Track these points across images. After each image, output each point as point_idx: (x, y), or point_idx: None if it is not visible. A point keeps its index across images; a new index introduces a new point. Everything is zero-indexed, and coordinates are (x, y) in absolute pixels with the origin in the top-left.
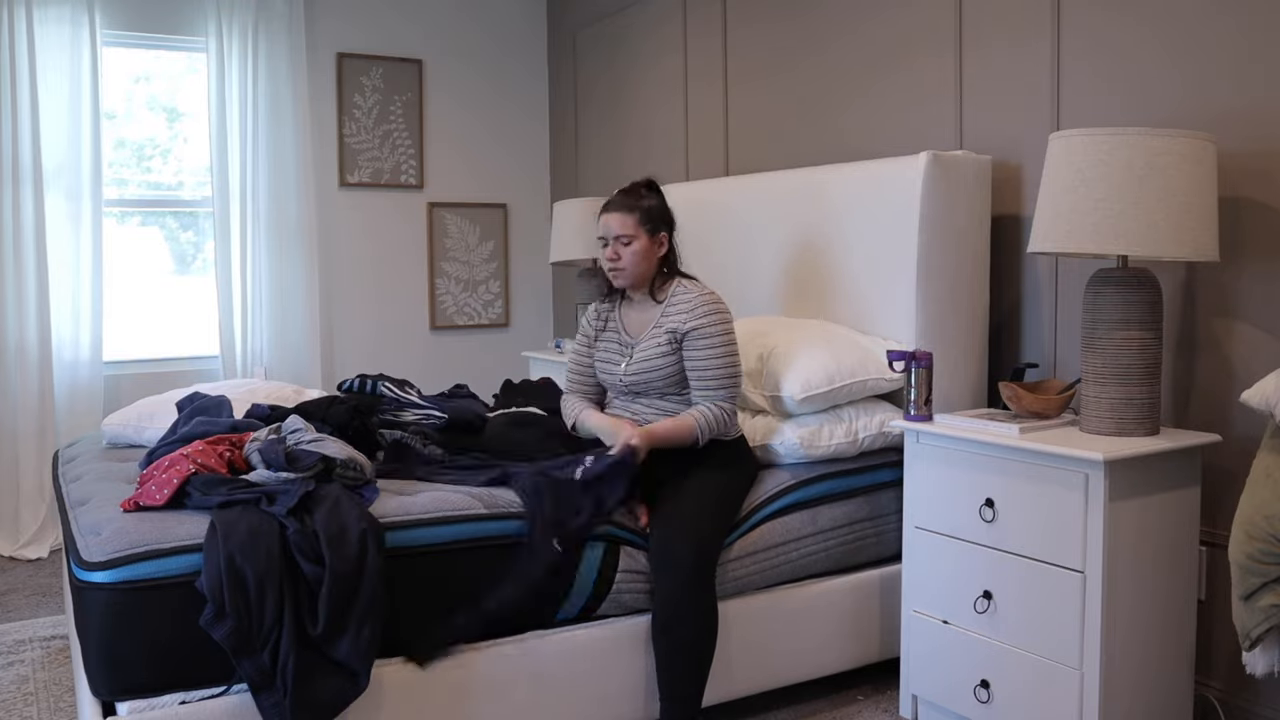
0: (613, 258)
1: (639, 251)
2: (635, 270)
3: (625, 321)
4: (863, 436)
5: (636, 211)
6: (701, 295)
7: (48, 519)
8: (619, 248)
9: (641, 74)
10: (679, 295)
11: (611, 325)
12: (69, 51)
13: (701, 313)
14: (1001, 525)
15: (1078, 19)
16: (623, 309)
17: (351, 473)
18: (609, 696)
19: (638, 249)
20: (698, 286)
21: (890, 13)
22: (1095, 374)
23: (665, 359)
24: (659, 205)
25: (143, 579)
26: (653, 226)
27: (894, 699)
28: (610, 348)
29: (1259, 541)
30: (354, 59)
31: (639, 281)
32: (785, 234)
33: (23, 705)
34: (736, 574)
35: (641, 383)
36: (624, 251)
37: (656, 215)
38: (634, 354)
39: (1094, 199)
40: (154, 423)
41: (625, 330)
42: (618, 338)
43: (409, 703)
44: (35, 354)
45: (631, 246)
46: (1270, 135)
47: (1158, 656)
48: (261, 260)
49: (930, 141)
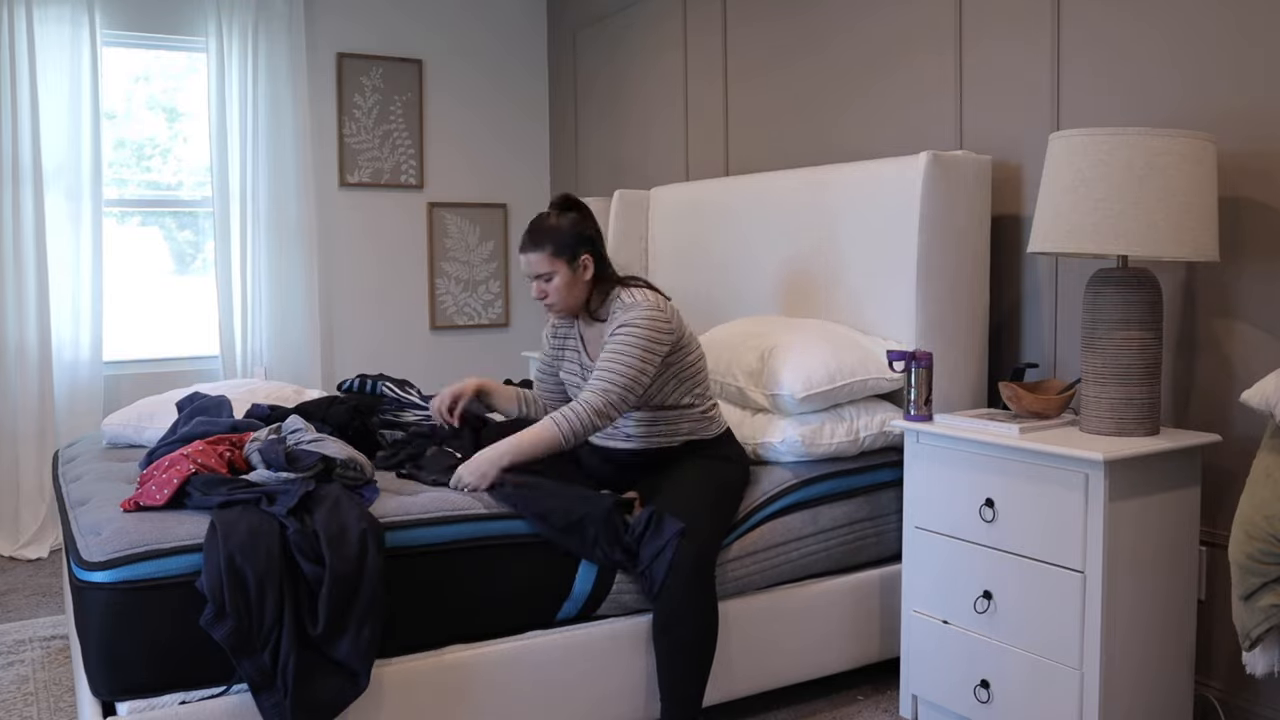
0: (539, 295)
1: (562, 285)
2: (566, 301)
3: (585, 339)
4: (864, 436)
5: (548, 245)
6: (636, 304)
7: (48, 519)
8: (542, 285)
9: (641, 73)
10: (618, 308)
11: (571, 345)
12: (69, 51)
13: (631, 314)
14: (1001, 525)
15: (1078, 18)
16: (581, 328)
17: (351, 473)
18: (609, 696)
19: (560, 283)
20: (642, 294)
21: (890, 12)
22: (1095, 374)
23: None
24: (571, 227)
25: (143, 579)
26: (570, 254)
27: (894, 699)
28: (573, 368)
29: (1259, 541)
30: (354, 59)
31: (575, 307)
32: (785, 234)
33: (23, 705)
34: (736, 574)
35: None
36: (548, 288)
37: (570, 240)
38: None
39: (1094, 199)
40: (154, 423)
41: (585, 350)
42: (579, 359)
43: (409, 703)
44: (35, 354)
45: (554, 282)
46: (1270, 135)
47: (1158, 656)
48: (261, 260)
49: (930, 141)
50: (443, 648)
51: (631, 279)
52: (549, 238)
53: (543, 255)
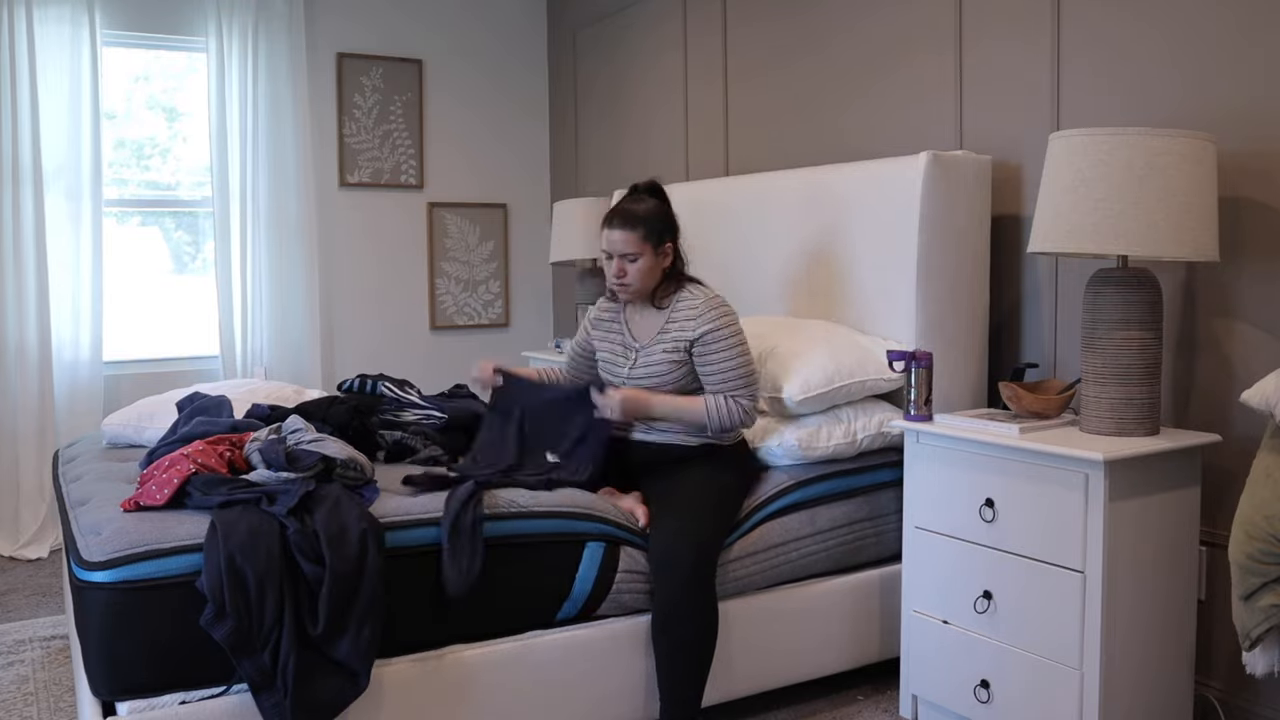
0: (619, 274)
1: (645, 268)
2: (642, 285)
3: (631, 323)
4: (861, 437)
5: (640, 227)
6: (708, 300)
7: (48, 519)
8: (624, 265)
9: (641, 73)
10: (684, 301)
11: (615, 326)
12: (69, 51)
13: (710, 317)
14: (1001, 525)
15: (1078, 18)
16: (628, 309)
17: (352, 473)
18: (609, 696)
19: (643, 265)
20: (703, 291)
21: (890, 12)
22: (1095, 374)
23: (673, 368)
24: (662, 212)
25: (143, 579)
26: (657, 238)
27: (894, 699)
28: (614, 348)
29: (1259, 541)
30: (354, 59)
31: (646, 293)
32: (785, 234)
33: (23, 705)
34: (736, 574)
35: (644, 389)
36: (630, 269)
37: (660, 225)
38: (638, 359)
39: (1094, 199)
40: (154, 423)
41: (630, 333)
42: (622, 339)
43: (409, 703)
44: (35, 354)
45: (638, 263)
46: (1270, 135)
47: (1158, 656)
48: (261, 260)
49: (930, 141)
50: (443, 648)
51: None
52: (642, 220)
53: (633, 235)
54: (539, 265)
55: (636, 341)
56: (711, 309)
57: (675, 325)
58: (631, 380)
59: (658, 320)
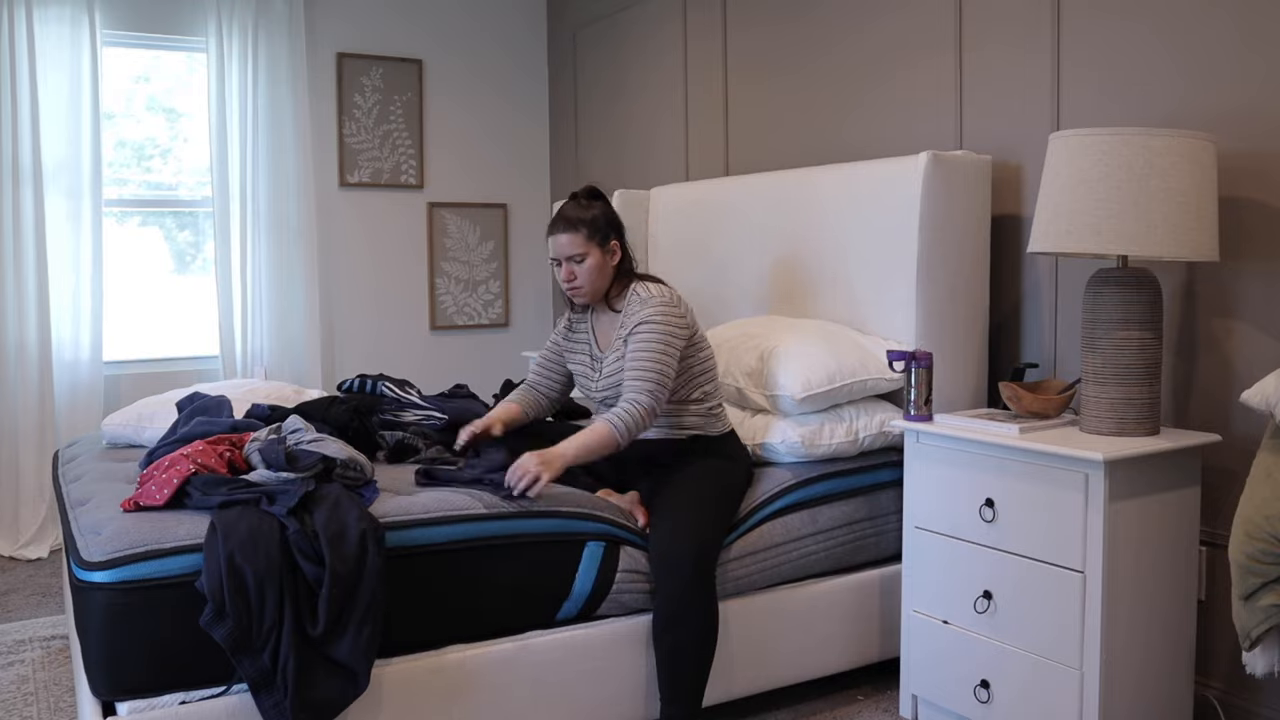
0: (569, 278)
1: (593, 267)
2: (593, 286)
3: (596, 334)
4: (863, 436)
5: (583, 227)
6: (657, 295)
7: (48, 519)
8: (573, 267)
9: (641, 74)
10: (634, 301)
11: (583, 335)
12: (69, 51)
13: (647, 313)
14: (1001, 525)
15: (1078, 19)
16: (594, 320)
17: (352, 473)
18: (609, 696)
19: (591, 265)
20: (657, 288)
21: (890, 13)
22: (1095, 374)
23: None
24: (604, 213)
25: (143, 579)
26: (602, 237)
27: (894, 699)
28: (583, 359)
29: (1259, 541)
30: (354, 59)
31: (600, 294)
32: (785, 234)
33: (23, 705)
34: (737, 574)
35: (613, 396)
36: (578, 270)
37: (604, 224)
38: (602, 368)
39: (1094, 199)
40: (154, 423)
41: (596, 342)
42: (589, 350)
43: (409, 703)
44: (35, 354)
45: (585, 264)
46: (1270, 135)
47: (1158, 656)
48: (261, 260)
49: (930, 141)
50: (443, 648)
51: (647, 275)
52: (583, 221)
53: (577, 237)
54: (539, 265)
55: (601, 351)
56: (656, 304)
57: (624, 327)
58: (599, 388)
59: (614, 323)
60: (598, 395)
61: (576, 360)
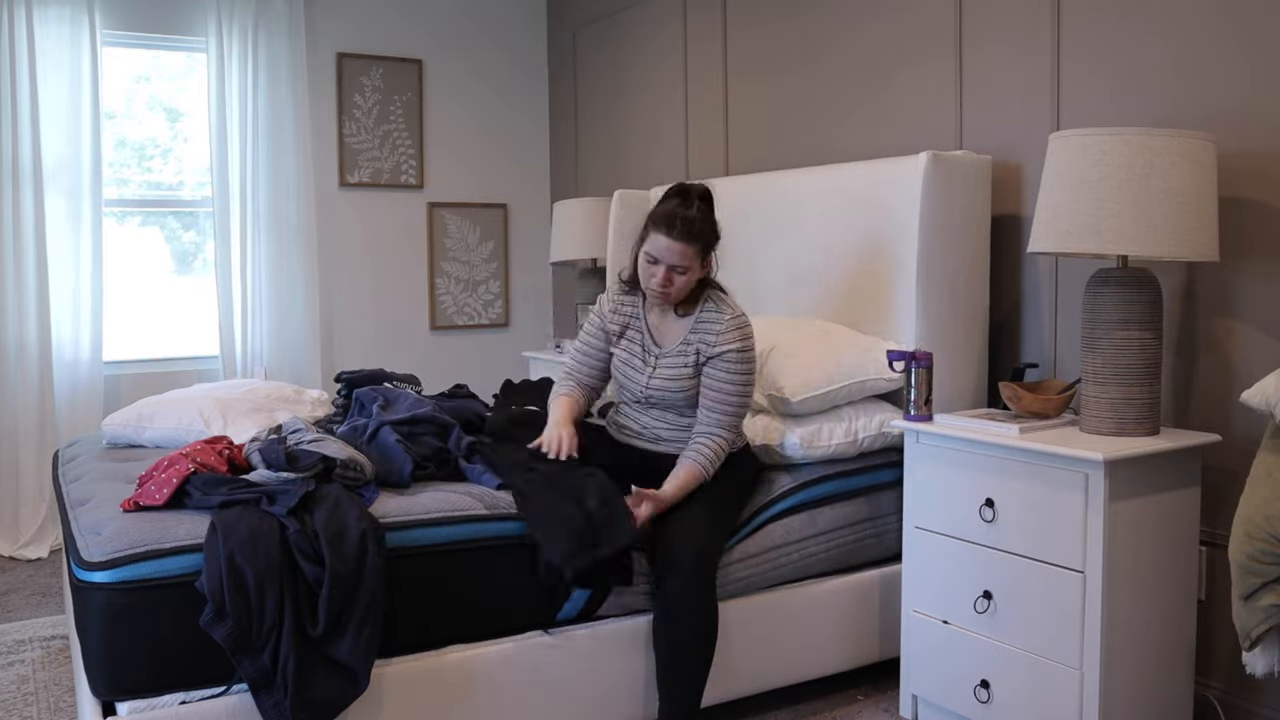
0: (665, 284)
1: (691, 281)
2: (682, 295)
3: (651, 327)
4: (862, 437)
5: (697, 241)
6: (735, 318)
7: (48, 519)
8: (673, 275)
9: (641, 74)
10: (709, 313)
11: (635, 326)
12: (69, 51)
13: (733, 338)
14: (1001, 525)
15: (1078, 19)
16: (648, 311)
17: (352, 473)
18: (609, 696)
19: (691, 279)
20: (729, 305)
21: (890, 13)
22: (1095, 374)
23: (686, 378)
24: (714, 224)
25: (143, 579)
26: (705, 249)
27: (894, 699)
28: (634, 350)
29: (1259, 541)
30: (354, 59)
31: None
32: (785, 234)
33: (23, 705)
34: (738, 575)
35: (663, 398)
36: (677, 280)
37: (710, 236)
38: (658, 365)
39: (1094, 199)
40: (154, 423)
41: (651, 337)
42: (642, 341)
43: (409, 703)
44: (35, 354)
45: (686, 276)
46: (1270, 135)
47: (1157, 656)
48: (261, 260)
49: (930, 141)
50: (443, 648)
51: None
52: (699, 235)
53: (690, 249)
54: (539, 265)
55: (658, 346)
56: (737, 328)
57: (697, 336)
58: (651, 387)
59: (680, 328)
60: (644, 394)
61: (624, 347)
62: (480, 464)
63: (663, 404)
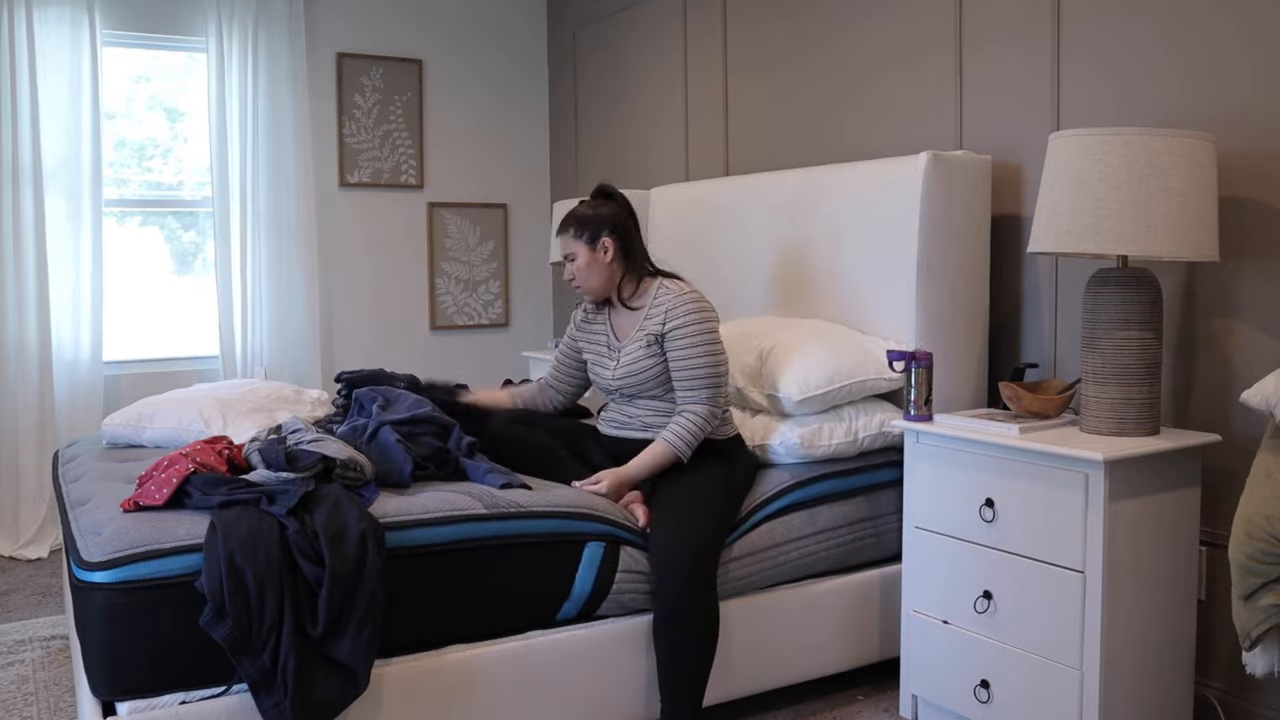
0: (569, 277)
1: (584, 265)
2: (590, 283)
3: (614, 324)
4: (862, 436)
5: (572, 227)
6: (681, 295)
7: (48, 519)
8: (570, 266)
9: (641, 74)
10: (660, 297)
11: (600, 326)
12: (69, 51)
13: (680, 312)
14: (1001, 525)
15: (1078, 19)
16: (612, 312)
17: (351, 473)
18: (609, 696)
19: (581, 263)
20: (679, 286)
21: (890, 13)
22: (1095, 374)
23: (649, 361)
24: (595, 212)
25: (143, 579)
26: (590, 235)
27: (894, 699)
28: (599, 349)
29: (1259, 541)
30: (354, 59)
31: (602, 291)
32: (785, 234)
33: (23, 705)
34: (736, 574)
35: (630, 386)
36: (573, 269)
37: (592, 223)
38: (620, 357)
39: (1094, 199)
40: (154, 423)
41: (614, 333)
42: (606, 339)
43: (409, 703)
44: (35, 354)
45: (576, 262)
46: (1270, 135)
47: (1157, 656)
48: (261, 260)
49: (930, 141)
50: (443, 648)
51: (668, 273)
52: (574, 221)
53: (565, 236)
54: (539, 265)
55: (619, 340)
56: (683, 303)
57: (650, 320)
58: (616, 380)
59: (636, 318)
60: (613, 385)
61: (592, 349)
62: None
63: (635, 392)
